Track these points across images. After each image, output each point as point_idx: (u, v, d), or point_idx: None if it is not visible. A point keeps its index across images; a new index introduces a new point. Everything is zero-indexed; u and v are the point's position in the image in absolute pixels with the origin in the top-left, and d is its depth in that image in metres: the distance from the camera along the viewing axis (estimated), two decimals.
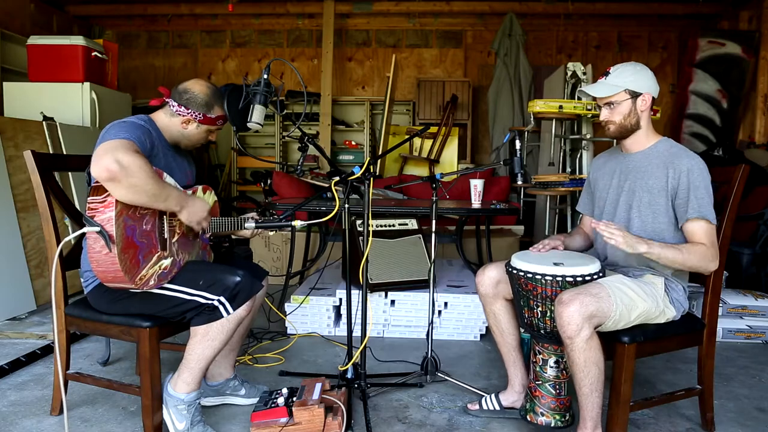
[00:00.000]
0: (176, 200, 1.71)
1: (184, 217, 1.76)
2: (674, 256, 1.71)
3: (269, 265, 4.20)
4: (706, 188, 1.74)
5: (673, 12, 5.93)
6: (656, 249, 1.69)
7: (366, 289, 2.13)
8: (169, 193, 1.68)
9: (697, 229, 1.75)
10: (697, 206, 1.73)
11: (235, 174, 6.43)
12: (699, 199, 1.73)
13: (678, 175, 1.76)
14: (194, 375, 1.79)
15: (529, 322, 1.81)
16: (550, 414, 1.82)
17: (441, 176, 2.32)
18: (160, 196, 1.64)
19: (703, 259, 1.73)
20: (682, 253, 1.71)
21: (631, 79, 1.82)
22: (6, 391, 2.23)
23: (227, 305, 1.75)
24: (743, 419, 2.10)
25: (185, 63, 6.72)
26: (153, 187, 1.60)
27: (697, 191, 1.73)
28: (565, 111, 3.52)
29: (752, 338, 3.02)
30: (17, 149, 3.33)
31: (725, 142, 5.28)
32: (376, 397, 2.23)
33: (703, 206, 1.73)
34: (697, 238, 1.75)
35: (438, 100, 6.11)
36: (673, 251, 1.71)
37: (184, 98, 1.83)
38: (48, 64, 4.04)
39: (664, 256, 1.70)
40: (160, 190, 1.63)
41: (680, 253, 1.71)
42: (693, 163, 1.76)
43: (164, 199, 1.66)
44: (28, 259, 3.27)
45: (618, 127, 1.86)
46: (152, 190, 1.60)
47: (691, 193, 1.74)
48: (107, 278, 1.66)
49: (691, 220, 1.75)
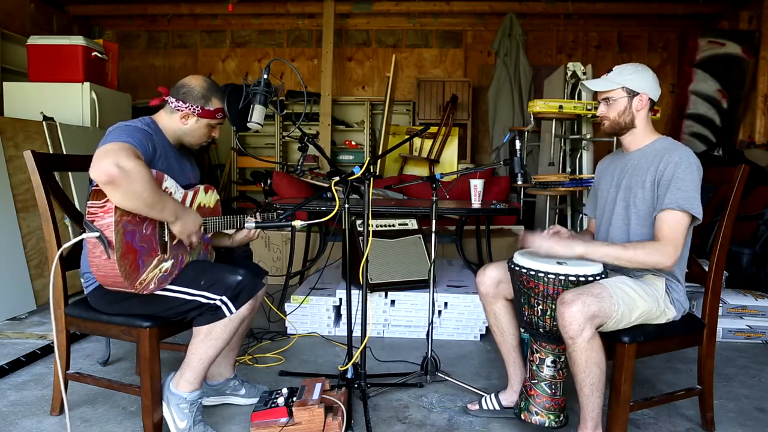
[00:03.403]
0: (172, 211, 1.70)
1: (176, 230, 1.74)
2: (617, 254, 1.70)
3: (269, 265, 4.20)
4: (692, 182, 1.71)
5: (673, 12, 5.94)
6: (594, 248, 1.70)
7: (366, 289, 2.13)
8: (166, 203, 1.67)
9: (663, 222, 1.71)
10: (674, 197, 1.70)
11: (235, 174, 6.43)
12: (679, 190, 1.70)
13: (665, 166, 1.74)
14: (197, 374, 1.79)
15: (529, 320, 1.81)
16: (544, 413, 1.82)
17: (441, 176, 2.32)
18: (157, 205, 1.63)
19: (652, 256, 1.69)
20: (626, 251, 1.70)
21: (631, 78, 1.83)
22: (6, 391, 2.23)
23: (230, 305, 1.75)
24: (743, 419, 2.10)
25: (185, 63, 6.72)
26: (150, 195, 1.59)
27: (678, 182, 1.70)
28: (565, 111, 3.52)
29: (752, 338, 3.03)
30: (17, 149, 3.33)
31: (725, 142, 5.28)
32: (376, 397, 2.23)
33: (681, 198, 1.69)
34: (659, 232, 1.72)
35: (438, 100, 6.11)
36: (614, 249, 1.70)
37: (181, 93, 1.83)
38: (48, 64, 4.04)
39: (607, 255, 1.70)
40: (157, 200, 1.62)
41: (624, 251, 1.70)
42: (684, 156, 1.73)
43: (161, 209, 1.65)
44: (28, 259, 3.27)
45: (611, 124, 1.87)
46: (149, 198, 1.59)
47: (672, 184, 1.71)
48: (107, 282, 1.66)
49: (663, 211, 1.72)
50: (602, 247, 1.73)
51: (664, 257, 1.69)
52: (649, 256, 1.70)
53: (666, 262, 1.70)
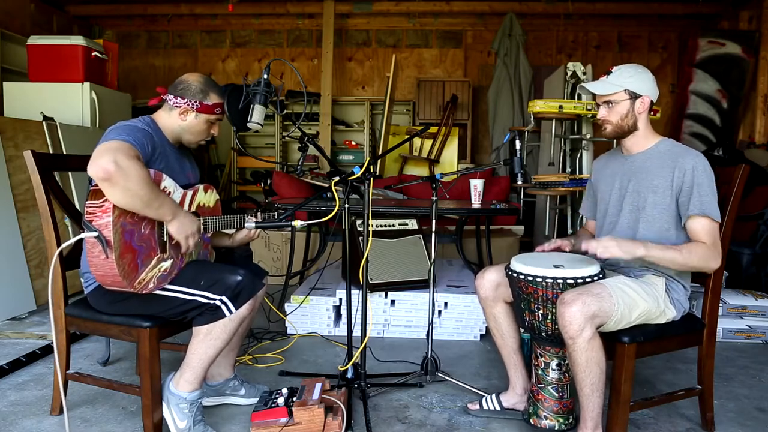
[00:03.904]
0: (169, 210, 1.70)
1: (173, 229, 1.73)
2: (673, 257, 1.70)
3: (269, 265, 4.20)
4: (710, 186, 1.73)
5: (673, 12, 5.94)
6: (654, 251, 1.68)
7: (366, 289, 2.12)
8: (163, 201, 1.67)
9: (699, 227, 1.73)
10: (699, 203, 1.72)
11: (235, 174, 6.43)
12: (702, 196, 1.72)
13: (683, 173, 1.75)
14: (197, 374, 1.79)
15: (530, 325, 1.81)
16: (553, 417, 1.82)
17: (441, 176, 2.32)
18: (153, 203, 1.63)
19: (704, 259, 1.72)
20: (681, 254, 1.70)
21: (632, 80, 1.81)
22: (6, 391, 2.23)
23: (229, 305, 1.75)
24: (743, 419, 2.10)
25: (185, 63, 6.72)
26: (147, 193, 1.59)
27: (700, 188, 1.72)
28: (565, 111, 3.52)
29: (752, 338, 3.02)
30: (17, 149, 3.33)
31: (725, 142, 5.27)
32: (376, 397, 2.22)
33: (705, 203, 1.72)
34: (698, 236, 1.74)
35: (438, 100, 6.11)
36: (672, 252, 1.70)
37: (179, 89, 1.83)
38: (48, 64, 4.04)
39: (663, 258, 1.70)
40: (153, 197, 1.62)
41: (680, 254, 1.70)
42: (698, 161, 1.75)
43: (157, 206, 1.65)
44: (28, 259, 3.27)
45: (614, 128, 1.85)
46: (146, 196, 1.59)
47: (694, 190, 1.73)
48: (106, 282, 1.66)
49: (693, 217, 1.74)
50: (661, 250, 1.70)
51: (712, 260, 1.73)
52: (704, 261, 1.72)
53: (714, 265, 1.75)
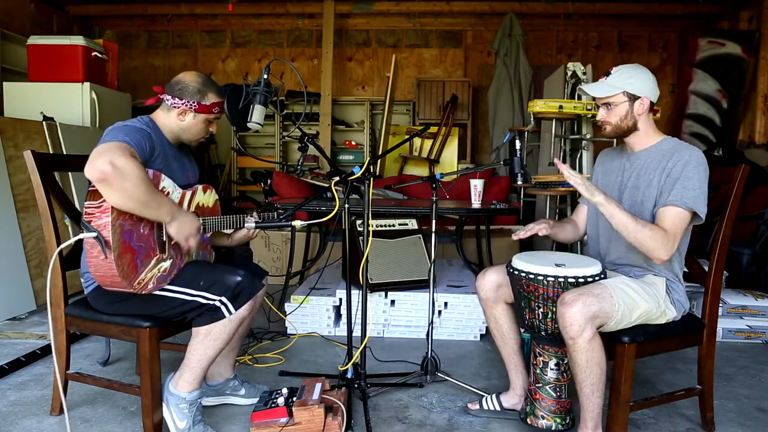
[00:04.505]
0: (168, 211, 1.68)
1: (172, 231, 1.72)
2: (626, 222, 1.67)
3: (269, 265, 4.20)
4: (699, 181, 1.71)
5: (673, 12, 5.93)
6: (612, 205, 1.67)
7: (366, 289, 2.12)
8: (161, 202, 1.66)
9: (665, 216, 1.71)
10: (679, 195, 1.70)
11: (235, 174, 6.43)
12: (686, 189, 1.69)
13: (675, 164, 1.74)
14: (196, 374, 1.79)
15: (530, 323, 1.81)
16: (550, 417, 1.82)
17: (441, 176, 2.32)
18: (152, 204, 1.62)
19: (654, 241, 1.67)
20: (635, 224, 1.67)
21: (631, 81, 1.81)
22: (6, 391, 2.23)
23: (229, 305, 1.75)
24: (743, 419, 2.10)
25: (185, 63, 6.71)
26: (144, 194, 1.58)
27: (687, 181, 1.70)
28: (565, 111, 3.52)
29: (752, 338, 3.02)
30: (17, 149, 3.33)
31: (725, 142, 5.28)
32: (376, 397, 2.22)
33: (686, 196, 1.69)
34: (661, 222, 1.71)
35: (438, 100, 6.11)
36: (627, 217, 1.67)
37: (176, 89, 1.83)
38: (48, 64, 4.04)
39: (617, 216, 1.67)
40: (151, 198, 1.61)
41: (634, 223, 1.67)
42: (694, 156, 1.74)
43: (156, 208, 1.64)
44: (28, 259, 3.27)
45: (614, 128, 1.85)
46: (143, 197, 1.58)
47: (679, 182, 1.71)
48: (105, 282, 1.66)
49: (667, 206, 1.71)
50: (617, 208, 1.68)
51: (662, 248, 1.67)
52: (651, 240, 1.67)
53: (661, 254, 1.68)
